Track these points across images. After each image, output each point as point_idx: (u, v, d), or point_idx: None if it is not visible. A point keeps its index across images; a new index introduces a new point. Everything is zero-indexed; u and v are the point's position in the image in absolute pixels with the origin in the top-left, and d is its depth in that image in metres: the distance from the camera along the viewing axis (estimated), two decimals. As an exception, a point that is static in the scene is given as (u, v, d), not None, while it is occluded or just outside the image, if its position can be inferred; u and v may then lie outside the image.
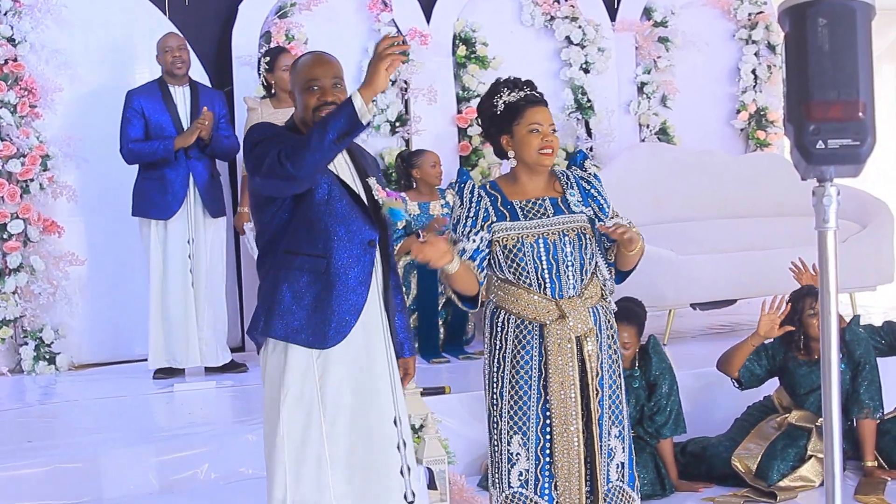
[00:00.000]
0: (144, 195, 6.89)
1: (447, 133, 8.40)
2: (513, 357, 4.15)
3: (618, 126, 8.87)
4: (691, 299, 7.58)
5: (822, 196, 2.77)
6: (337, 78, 3.91)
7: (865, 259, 7.77)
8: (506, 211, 4.14)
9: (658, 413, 5.77)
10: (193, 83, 7.07)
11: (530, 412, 4.14)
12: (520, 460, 4.16)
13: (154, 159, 6.75)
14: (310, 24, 8.03)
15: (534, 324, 4.13)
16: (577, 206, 4.18)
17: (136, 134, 6.82)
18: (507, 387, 4.16)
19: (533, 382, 4.14)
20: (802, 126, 2.68)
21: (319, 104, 3.88)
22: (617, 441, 4.20)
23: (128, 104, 6.86)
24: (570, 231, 4.12)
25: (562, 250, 4.10)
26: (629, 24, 9.00)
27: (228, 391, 6.73)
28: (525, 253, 4.10)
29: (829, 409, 2.81)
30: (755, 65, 9.41)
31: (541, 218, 4.14)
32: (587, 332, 4.11)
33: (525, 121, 4.14)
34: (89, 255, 7.51)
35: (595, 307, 4.18)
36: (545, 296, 4.11)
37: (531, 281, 4.12)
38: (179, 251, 6.90)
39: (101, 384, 7.03)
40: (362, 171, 4.00)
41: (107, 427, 6.02)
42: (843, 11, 2.67)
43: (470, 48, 8.46)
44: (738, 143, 9.51)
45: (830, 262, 2.78)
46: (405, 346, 4.16)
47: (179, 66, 6.93)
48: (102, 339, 7.58)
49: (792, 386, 5.93)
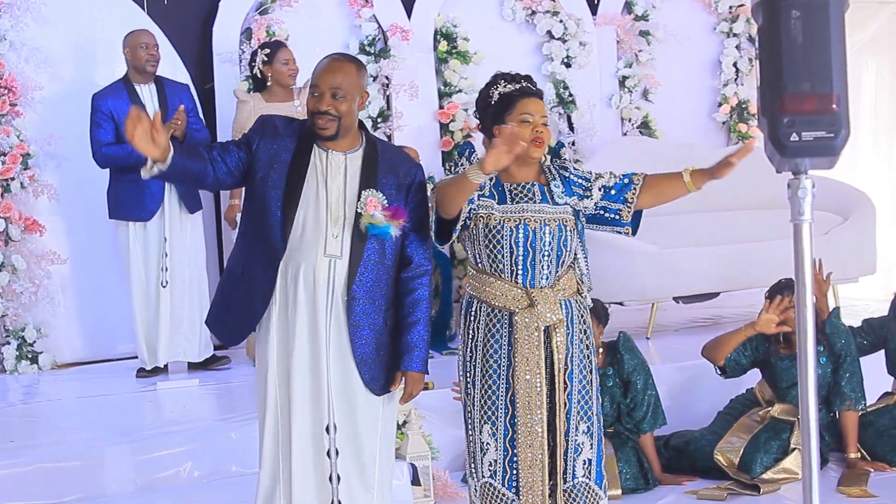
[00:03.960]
0: (120, 198, 6.82)
1: (429, 128, 8.39)
2: (484, 346, 4.20)
3: (600, 120, 8.87)
4: (674, 293, 7.59)
5: (798, 189, 2.80)
6: (336, 88, 3.96)
7: (847, 251, 7.79)
8: (496, 192, 4.20)
9: (636, 409, 5.78)
10: (159, 79, 6.96)
11: (499, 402, 4.19)
12: (489, 450, 4.21)
13: (128, 162, 6.56)
14: (290, 21, 8.00)
15: (504, 312, 4.17)
16: (560, 197, 4.23)
17: (108, 138, 6.72)
18: (479, 375, 4.22)
19: (502, 371, 4.18)
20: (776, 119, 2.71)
21: (313, 111, 4.00)
22: (585, 437, 4.22)
23: (95, 108, 6.76)
24: (551, 221, 4.17)
25: (540, 239, 4.15)
26: (610, 17, 9.00)
27: (212, 388, 6.71)
28: (504, 236, 4.15)
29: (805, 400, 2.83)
30: (736, 58, 9.42)
31: (527, 202, 4.18)
32: (556, 323, 4.14)
33: (517, 111, 4.20)
34: (71, 254, 7.48)
35: (568, 300, 4.21)
36: (516, 284, 4.16)
37: (504, 267, 4.16)
38: (157, 250, 6.86)
39: (83, 383, 7.01)
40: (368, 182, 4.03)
41: (89, 426, 6.01)
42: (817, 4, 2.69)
43: (451, 43, 8.46)
44: (720, 136, 9.51)
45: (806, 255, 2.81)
46: (403, 359, 4.11)
47: (153, 64, 6.85)
48: (85, 338, 7.55)
49: (774, 379, 5.95)
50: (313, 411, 4.02)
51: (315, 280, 3.98)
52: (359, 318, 4.02)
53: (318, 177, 4.01)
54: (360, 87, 4.04)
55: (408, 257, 4.13)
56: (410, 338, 4.11)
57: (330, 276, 3.98)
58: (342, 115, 3.97)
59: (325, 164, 4.03)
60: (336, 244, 3.98)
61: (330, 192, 4.00)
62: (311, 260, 3.97)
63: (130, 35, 6.89)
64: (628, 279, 7.23)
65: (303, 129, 4.08)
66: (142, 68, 6.82)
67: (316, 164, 4.03)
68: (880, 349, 6.20)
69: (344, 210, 4.00)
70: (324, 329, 3.99)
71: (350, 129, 4.05)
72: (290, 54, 7.01)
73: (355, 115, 4.06)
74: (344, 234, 3.98)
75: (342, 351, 4.02)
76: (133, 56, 6.84)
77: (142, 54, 6.82)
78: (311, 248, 3.98)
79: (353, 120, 4.05)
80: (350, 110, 4.00)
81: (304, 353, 4.01)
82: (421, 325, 4.12)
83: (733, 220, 8.01)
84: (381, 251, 4.03)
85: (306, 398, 4.01)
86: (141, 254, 6.85)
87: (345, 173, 4.04)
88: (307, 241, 3.98)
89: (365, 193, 3.98)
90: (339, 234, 3.98)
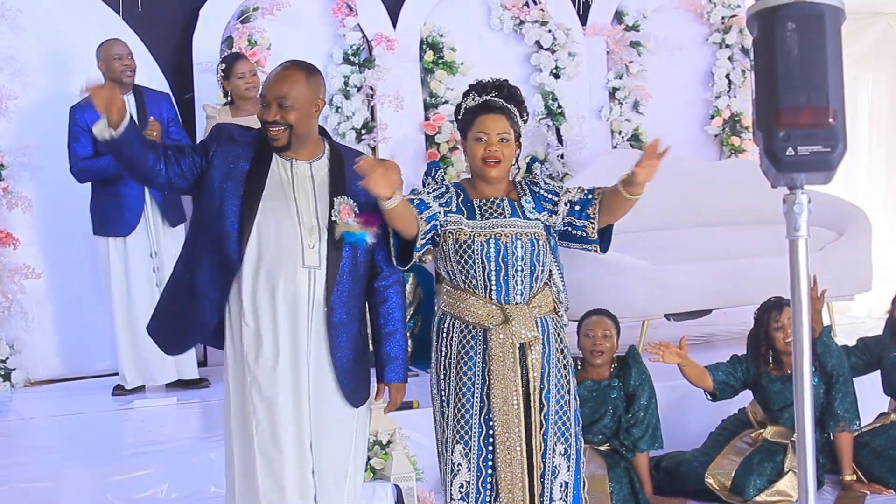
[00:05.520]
0: (101, 213, 6.80)
1: (414, 140, 8.40)
2: (457, 363, 4.19)
3: (589, 133, 8.88)
4: (665, 310, 7.59)
5: (793, 204, 2.79)
6: (282, 97, 3.96)
7: (843, 268, 7.80)
8: (465, 208, 4.19)
9: (635, 426, 5.77)
10: (137, 88, 6.94)
11: (472, 421, 4.17)
12: (461, 471, 4.18)
13: (106, 175, 6.59)
14: (273, 29, 8.01)
15: (477, 329, 4.16)
16: (531, 213, 4.21)
17: (85, 151, 6.68)
18: (453, 394, 4.20)
19: (476, 390, 4.17)
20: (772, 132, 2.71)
21: (262, 121, 4.01)
22: (562, 459, 4.20)
23: (73, 121, 6.73)
24: (523, 236, 4.15)
25: (513, 254, 4.13)
26: (600, 28, 9.02)
27: (191, 407, 6.68)
28: (475, 251, 4.13)
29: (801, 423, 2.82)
30: (729, 69, 9.44)
31: (496, 218, 4.17)
32: (531, 341, 4.12)
33: (474, 128, 4.19)
34: (46, 268, 7.46)
35: (544, 318, 4.20)
36: (490, 300, 4.15)
37: (477, 282, 4.15)
38: (143, 266, 6.81)
39: (58, 401, 6.99)
40: (337, 189, 4.04)
41: (64, 445, 5.99)
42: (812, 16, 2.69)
43: (437, 53, 8.46)
44: (713, 150, 9.53)
45: (802, 272, 2.80)
46: (385, 370, 4.19)
47: (129, 75, 6.82)
48: (59, 355, 7.52)
49: (765, 402, 5.95)
50: (296, 429, 4.01)
51: (296, 292, 3.97)
52: (337, 329, 4.02)
53: (283, 187, 4.01)
54: (310, 94, 4.01)
55: (378, 265, 4.15)
56: (390, 349, 4.16)
57: (311, 288, 3.98)
58: (292, 124, 3.97)
59: (291, 174, 4.03)
60: (314, 255, 3.98)
61: (299, 203, 4.00)
62: (290, 272, 3.96)
63: (102, 46, 6.86)
64: (618, 295, 7.22)
65: (260, 138, 4.06)
66: (118, 79, 6.77)
67: (280, 174, 4.02)
68: (875, 369, 6.21)
69: (317, 219, 4.00)
70: (304, 342, 3.99)
71: (306, 138, 4.04)
72: (248, 66, 7.01)
73: (309, 123, 4.04)
74: (320, 245, 3.98)
75: (321, 364, 4.02)
76: (108, 68, 6.81)
77: (116, 65, 6.79)
78: (287, 260, 3.97)
79: (308, 128, 4.04)
80: (301, 119, 3.99)
81: (286, 369, 3.99)
82: (399, 335, 4.19)
83: (726, 236, 8.02)
84: (354, 260, 4.04)
85: (289, 416, 4.00)
86: (122, 269, 6.81)
87: (312, 182, 4.04)
88: (283, 253, 3.97)
89: (337, 201, 3.99)
90: (316, 245, 3.98)
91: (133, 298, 6.82)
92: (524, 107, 4.29)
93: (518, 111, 4.23)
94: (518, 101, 4.25)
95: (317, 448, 4.04)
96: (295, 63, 4.12)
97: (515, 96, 4.25)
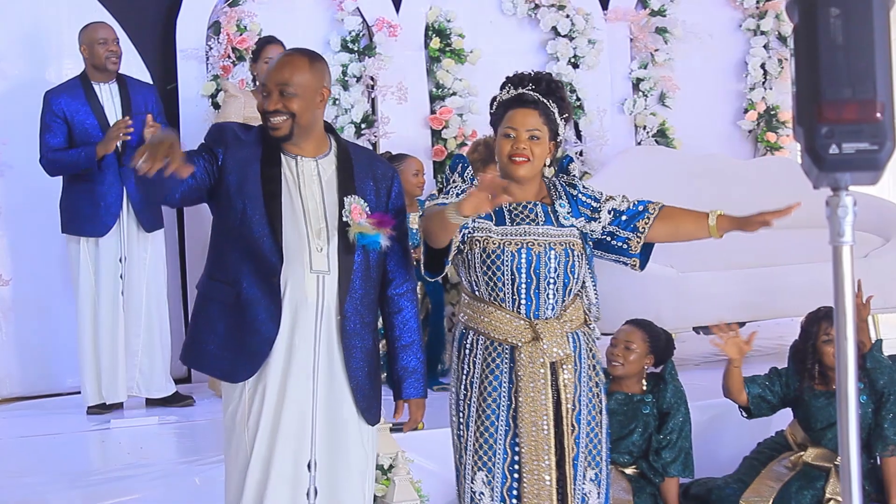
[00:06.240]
0: (74, 210, 6.78)
1: (419, 136, 8.40)
2: (480, 383, 4.17)
3: (611, 127, 8.89)
4: (694, 322, 7.59)
5: (837, 207, 2.77)
6: (284, 84, 3.98)
7: (889, 276, 7.78)
8: (492, 212, 4.16)
9: (667, 448, 5.76)
10: (121, 78, 6.94)
11: (497, 446, 4.15)
12: (483, 500, 4.16)
13: (77, 170, 6.59)
14: (264, 14, 8.02)
15: (504, 346, 4.15)
16: (566, 218, 4.20)
17: (58, 141, 6.68)
18: (474, 416, 4.18)
19: (501, 413, 4.15)
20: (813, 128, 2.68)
21: (263, 112, 4.03)
22: (592, 486, 4.20)
23: (47, 107, 6.73)
24: (556, 245, 4.14)
25: (545, 265, 4.11)
26: (623, 13, 9.02)
27: (173, 427, 6.68)
28: (504, 262, 4.11)
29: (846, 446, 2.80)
30: (764, 58, 9.44)
31: (529, 224, 4.16)
32: (563, 359, 4.11)
33: (504, 123, 4.19)
34: (14, 275, 7.45)
35: (575, 332, 4.19)
36: (519, 314, 4.13)
37: (505, 295, 4.13)
38: (111, 271, 6.81)
39: (27, 420, 6.98)
40: (347, 188, 4.04)
41: (33, 469, 5.96)
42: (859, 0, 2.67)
43: (444, 40, 8.46)
44: (746, 146, 9.54)
45: (846, 281, 2.78)
46: (402, 385, 4.19)
47: (114, 62, 6.83)
48: (29, 370, 7.51)
49: (807, 419, 5.93)
50: (295, 447, 4.01)
51: (304, 299, 3.97)
52: (351, 339, 4.02)
53: (289, 186, 4.02)
54: (315, 82, 4.03)
55: (391, 271, 4.17)
56: (407, 362, 4.18)
57: (319, 294, 3.98)
58: (295, 113, 3.97)
59: (296, 171, 4.04)
60: (322, 258, 3.99)
61: (306, 202, 4.02)
62: (298, 277, 3.97)
63: (86, 30, 6.86)
64: (643, 306, 7.19)
65: (264, 135, 4.08)
66: (102, 66, 6.79)
67: (286, 172, 4.04)
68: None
69: (325, 220, 4.01)
70: (313, 354, 3.99)
71: (309, 130, 4.05)
72: (279, 52, 7.01)
73: (313, 113, 4.05)
74: (329, 248, 3.99)
75: (332, 377, 4.02)
76: (91, 53, 6.82)
77: (101, 51, 6.80)
78: (295, 265, 3.97)
79: (312, 119, 4.05)
80: (305, 108, 4.00)
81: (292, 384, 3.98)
82: (416, 347, 4.19)
83: (761, 241, 7.95)
84: (366, 265, 4.04)
85: (290, 433, 4.00)
86: (91, 273, 6.80)
87: (319, 180, 4.05)
88: (290, 257, 3.98)
89: (348, 200, 4.00)
90: (325, 248, 3.99)
91: (100, 307, 6.81)
92: (566, 104, 4.26)
93: (559, 108, 4.21)
94: (559, 97, 4.22)
95: (326, 470, 4.03)
96: (298, 49, 4.16)
97: (555, 91, 4.23)
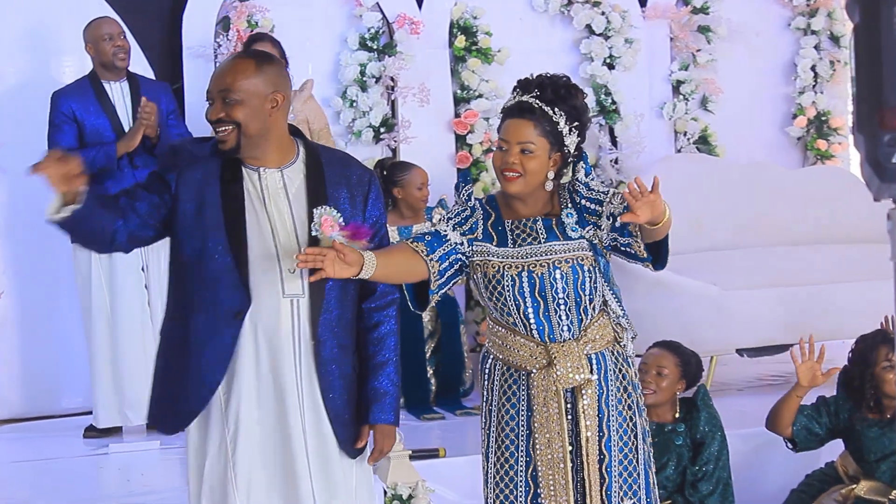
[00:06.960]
0: None
1: (442, 141, 8.42)
2: (498, 411, 4.19)
3: (648, 133, 8.89)
4: (737, 344, 7.59)
5: (899, 220, 2.80)
6: (225, 91, 3.90)
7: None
8: (494, 233, 4.15)
9: (704, 480, 5.74)
10: (132, 76, 7.02)
11: (517, 478, 4.16)
12: None
13: (93, 170, 6.59)
14: (277, 9, 8.04)
15: (521, 372, 4.15)
16: (574, 230, 4.15)
17: (68, 142, 6.73)
18: (493, 447, 4.20)
19: (520, 442, 4.16)
20: (875, 136, 2.71)
21: (209, 121, 3.97)
22: None
23: (55, 108, 6.81)
24: (562, 263, 4.10)
25: (551, 286, 4.09)
26: (663, 10, 9.02)
27: (176, 453, 6.66)
28: (505, 287, 4.11)
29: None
30: (815, 60, 9.43)
31: (530, 244, 4.12)
32: (582, 384, 4.10)
33: (500, 134, 4.15)
34: (11, 288, 7.50)
35: (601, 353, 4.17)
36: (532, 338, 4.13)
37: (515, 320, 4.13)
38: (131, 282, 6.84)
39: (21, 444, 7.03)
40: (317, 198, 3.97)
41: (31, 496, 6.02)
42: (925, -1, 2.70)
43: (470, 39, 8.48)
44: (795, 155, 9.52)
45: (909, 300, 2.81)
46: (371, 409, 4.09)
47: (122, 58, 6.90)
48: (24, 391, 7.55)
49: (860, 451, 5.93)
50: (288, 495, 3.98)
51: (277, 327, 3.94)
52: (327, 366, 3.98)
53: (254, 203, 3.96)
54: (263, 86, 3.92)
55: (370, 284, 4.06)
56: (379, 383, 4.09)
57: (295, 320, 3.95)
58: (240, 122, 3.89)
59: (260, 185, 3.98)
60: (295, 281, 3.94)
61: (273, 220, 3.96)
62: (271, 304, 3.93)
63: (90, 27, 6.94)
64: (682, 326, 7.21)
65: None
66: (110, 64, 6.87)
67: (248, 188, 3.97)
68: None
69: (296, 237, 3.95)
70: (294, 386, 3.96)
71: (261, 140, 3.95)
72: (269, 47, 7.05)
73: (263, 122, 3.94)
74: (302, 269, 3.87)
75: (316, 411, 3.99)
76: (97, 51, 6.90)
77: (107, 48, 6.87)
78: (265, 291, 3.92)
79: (262, 128, 3.94)
80: (252, 116, 3.90)
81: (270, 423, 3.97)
82: (390, 367, 4.11)
83: (810, 257, 8.01)
84: (342, 282, 3.95)
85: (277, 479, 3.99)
86: (104, 286, 6.83)
87: (286, 193, 3.99)
88: (259, 286, 3.93)
89: (317, 212, 3.87)
90: (296, 269, 3.90)
91: (118, 321, 6.83)
92: (576, 111, 4.11)
93: (567, 115, 4.07)
94: (570, 105, 4.09)
95: None
96: (245, 52, 4.12)
97: (566, 98, 4.09)
